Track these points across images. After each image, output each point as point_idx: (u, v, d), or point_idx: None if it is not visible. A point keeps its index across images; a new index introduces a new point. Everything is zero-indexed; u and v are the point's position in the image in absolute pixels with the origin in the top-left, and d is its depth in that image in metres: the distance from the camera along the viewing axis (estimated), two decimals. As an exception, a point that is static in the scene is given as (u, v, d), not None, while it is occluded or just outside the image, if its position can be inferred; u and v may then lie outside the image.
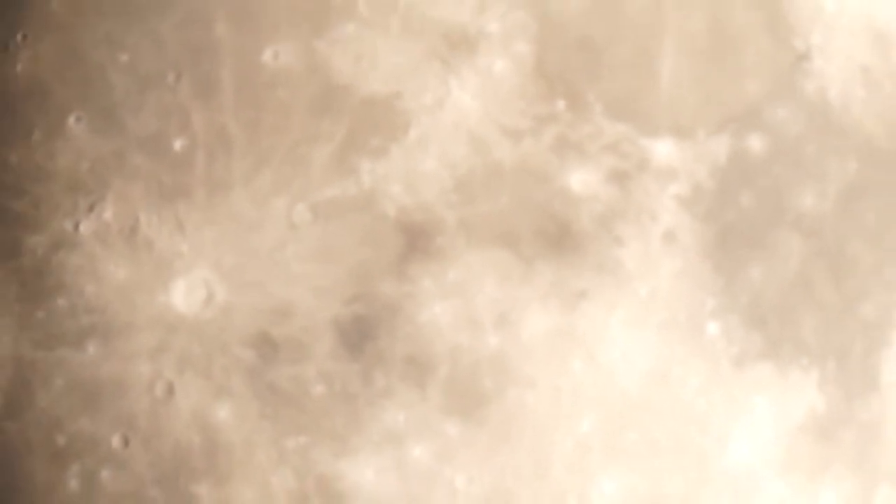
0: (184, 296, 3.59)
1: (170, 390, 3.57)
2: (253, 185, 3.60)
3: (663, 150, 3.65)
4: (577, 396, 3.62)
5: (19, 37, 3.71)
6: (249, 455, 3.59)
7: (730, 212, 3.66)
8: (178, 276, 3.58)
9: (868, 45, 3.87)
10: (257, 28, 3.65)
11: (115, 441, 3.55)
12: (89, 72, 3.67)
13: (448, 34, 3.65)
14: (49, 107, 3.67)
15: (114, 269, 3.58)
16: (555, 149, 3.62)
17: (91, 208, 3.61)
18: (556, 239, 3.61)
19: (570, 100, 3.65)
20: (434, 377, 3.59)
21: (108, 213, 3.60)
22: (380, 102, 3.62)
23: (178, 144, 3.59)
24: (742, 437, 3.65)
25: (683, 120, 3.68)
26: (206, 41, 3.66)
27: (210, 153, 3.61)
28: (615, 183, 3.63)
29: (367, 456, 3.58)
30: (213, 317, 3.59)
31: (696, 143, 3.68)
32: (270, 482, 3.59)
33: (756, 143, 3.68)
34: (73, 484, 3.59)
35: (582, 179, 3.61)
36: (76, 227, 3.59)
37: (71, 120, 3.61)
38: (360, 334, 3.59)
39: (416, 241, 3.60)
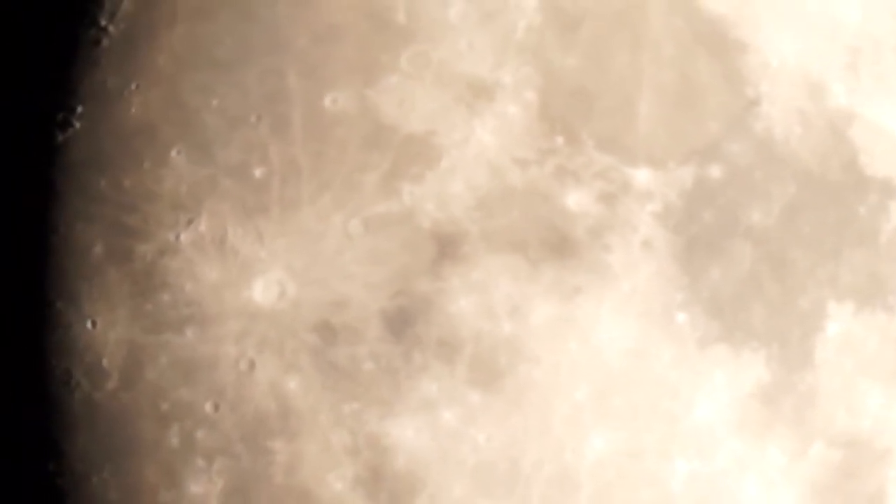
0: (262, 292, 3.70)
1: (251, 366, 3.68)
2: (317, 204, 3.71)
3: (641, 176, 3.77)
4: (573, 370, 3.72)
5: (133, 86, 3.80)
6: (314, 418, 3.70)
7: (694, 225, 3.77)
8: (258, 276, 3.70)
9: (804, 93, 3.94)
10: (320, 79, 3.77)
11: (208, 407, 3.69)
12: (187, 114, 3.79)
13: (471, 85, 3.76)
14: (156, 142, 3.78)
15: (207, 270, 3.72)
16: (555, 175, 3.75)
17: (189, 222, 3.72)
18: (556, 246, 3.72)
19: (567, 137, 3.77)
20: (460, 356, 3.69)
21: (202, 227, 3.72)
22: (418, 139, 3.73)
23: (258, 172, 3.72)
24: (704, 402, 3.76)
25: (657, 153, 3.79)
26: (280, 89, 3.78)
27: (283, 179, 3.73)
28: (603, 202, 3.75)
29: (407, 418, 3.70)
30: (285, 308, 3.70)
31: (668, 171, 3.79)
32: (330, 439, 3.69)
33: (715, 171, 3.79)
34: (174, 441, 3.71)
35: (577, 199, 3.74)
36: (177, 237, 3.71)
37: (173, 152, 3.73)
38: (402, 322, 3.71)
39: (445, 248, 3.71)
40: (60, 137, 3.85)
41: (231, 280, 3.75)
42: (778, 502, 3.87)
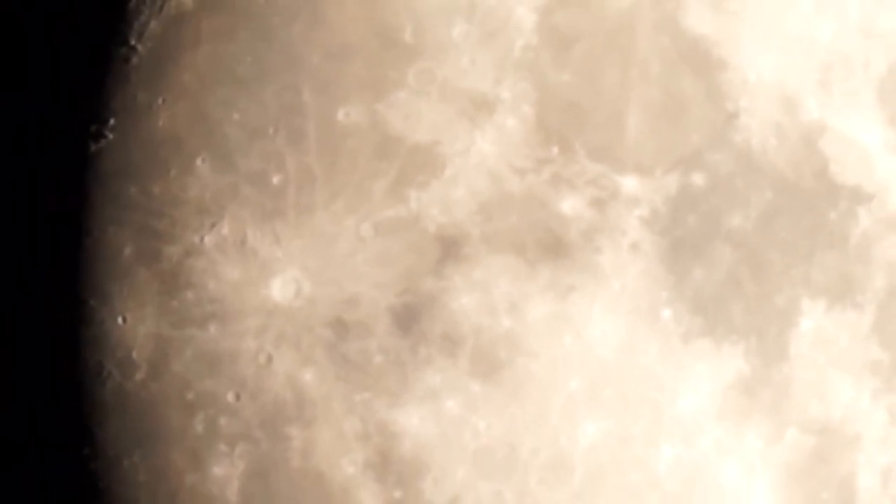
0: (279, 290, 3.78)
1: (269, 359, 3.76)
2: (330, 209, 3.79)
3: (630, 184, 3.85)
4: (567, 363, 3.80)
5: (160, 100, 3.86)
6: (327, 406, 3.77)
7: (679, 229, 3.86)
8: (276, 276, 3.78)
9: (779, 107, 4.01)
10: (333, 94, 3.84)
11: (230, 396, 3.76)
12: (211, 126, 3.85)
13: (473, 99, 3.83)
14: (182, 152, 3.84)
15: (229, 270, 3.79)
16: (550, 183, 3.83)
17: (212, 226, 3.79)
18: (551, 248, 3.80)
19: (562, 147, 3.84)
20: (462, 349, 3.77)
21: (224, 230, 3.79)
22: (423, 149, 3.81)
23: (275, 179, 3.80)
24: (688, 392, 3.84)
25: (644, 162, 3.88)
26: (296, 104, 3.84)
27: (299, 186, 3.79)
28: (595, 207, 3.83)
29: (413, 407, 3.77)
30: (301, 305, 3.78)
31: (654, 178, 3.87)
32: (342, 426, 3.76)
33: (698, 179, 3.88)
34: (199, 428, 3.77)
35: (570, 205, 3.81)
36: (201, 240, 3.78)
37: (198, 161, 3.81)
38: (409, 318, 3.78)
39: (449, 249, 3.78)
40: (94, 148, 3.89)
41: (251, 279, 3.82)
42: (756, 485, 3.93)
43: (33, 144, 3.99)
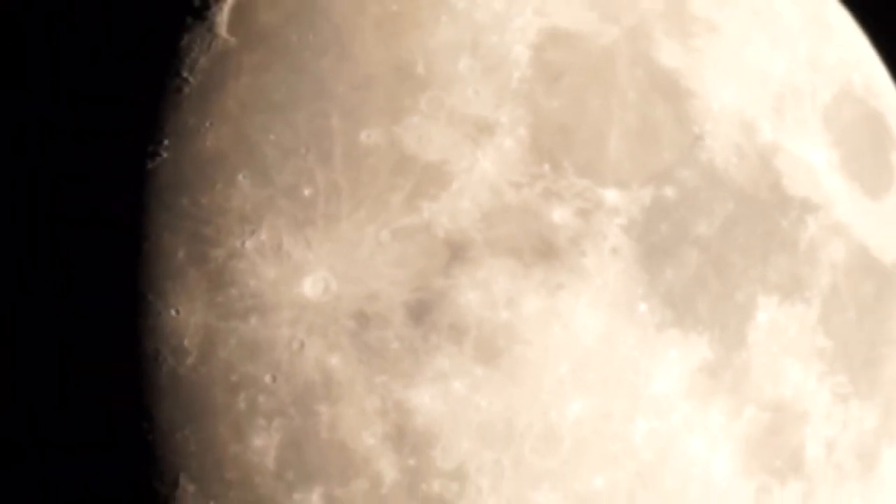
0: (310, 287, 3.85)
1: (301, 346, 3.84)
2: (354, 217, 3.87)
3: (610, 196, 3.96)
4: (557, 350, 3.90)
5: (207, 124, 3.94)
6: (351, 387, 3.85)
7: (653, 235, 3.98)
8: (307, 275, 3.86)
9: (739, 130, 4.13)
10: (356, 119, 3.91)
11: (267, 378, 3.85)
12: (251, 146, 3.94)
13: (476, 123, 3.92)
14: (226, 168, 3.93)
15: (266, 270, 3.87)
16: (542, 195, 3.92)
17: (252, 233, 3.87)
18: (543, 251, 3.90)
19: (552, 165, 3.95)
20: (467, 338, 3.86)
21: (263, 236, 3.87)
22: (434, 166, 3.90)
23: (306, 192, 3.88)
24: (660, 375, 3.95)
25: (623, 177, 3.99)
26: (324, 127, 3.91)
27: (327, 198, 3.88)
28: (580, 217, 3.92)
29: (425, 387, 3.86)
30: (328, 300, 3.86)
31: (631, 192, 3.98)
32: (364, 403, 3.85)
33: (669, 192, 4.00)
34: (241, 405, 3.87)
35: (559, 214, 3.91)
36: (243, 244, 3.87)
37: (239, 177, 3.90)
38: (421, 311, 3.86)
39: (456, 252, 3.88)
40: (151, 165, 3.98)
41: (285, 278, 3.89)
42: (718, 454, 4.04)
43: (101, 163, 4.05)
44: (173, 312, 3.94)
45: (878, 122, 4.51)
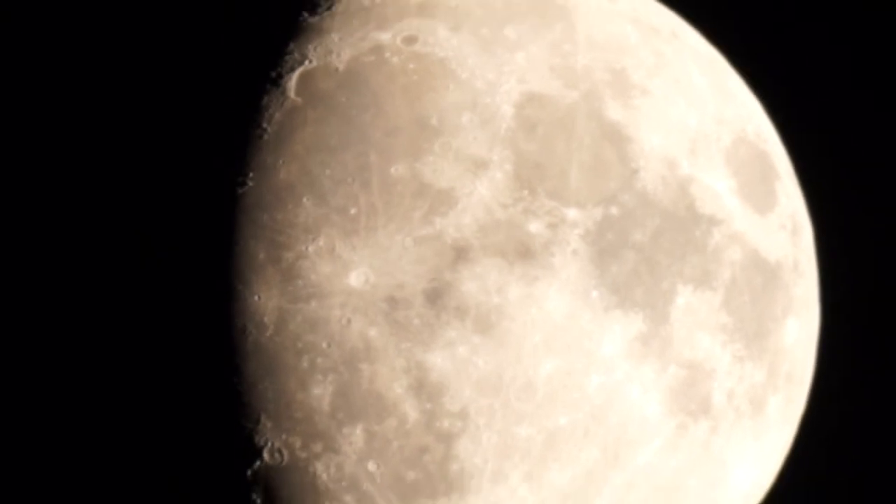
0: (355, 279, 4.01)
1: (348, 322, 3.99)
2: (386, 229, 4.01)
3: (572, 214, 4.08)
4: (534, 324, 4.03)
5: (281, 161, 4.09)
6: (384, 351, 4.00)
7: (602, 241, 4.12)
8: (352, 271, 4.01)
9: (664, 166, 4.24)
10: (388, 158, 4.05)
11: (324, 345, 4.00)
12: (312, 178, 4.07)
13: (475, 161, 4.05)
14: (294, 193, 4.06)
15: (323, 267, 4.03)
16: (523, 213, 4.05)
17: (313, 240, 4.03)
18: (523, 253, 4.04)
19: (530, 191, 4.07)
20: (468, 316, 4.01)
21: (321, 242, 4.02)
22: (444, 191, 4.03)
23: (352, 211, 4.02)
24: (608, 343, 4.09)
25: (581, 200, 4.11)
26: (365, 163, 4.05)
27: (367, 215, 4.02)
28: (550, 228, 4.05)
29: (438, 352, 4.00)
30: (369, 289, 4.01)
31: (587, 210, 4.10)
32: (394, 363, 4.00)
33: (614, 211, 4.14)
34: (305, 364, 4.03)
35: (535, 227, 4.05)
36: (307, 248, 4.02)
37: (304, 200, 4.05)
38: (435, 296, 4.01)
39: (460, 254, 4.02)
40: (240, 191, 4.11)
41: (337, 273, 4.03)
42: (650, 401, 4.15)
43: (206, 189, 4.15)
44: (256, 298, 4.05)
45: (764, 160, 4.57)
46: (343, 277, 4.04)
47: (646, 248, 4.18)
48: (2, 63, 4.43)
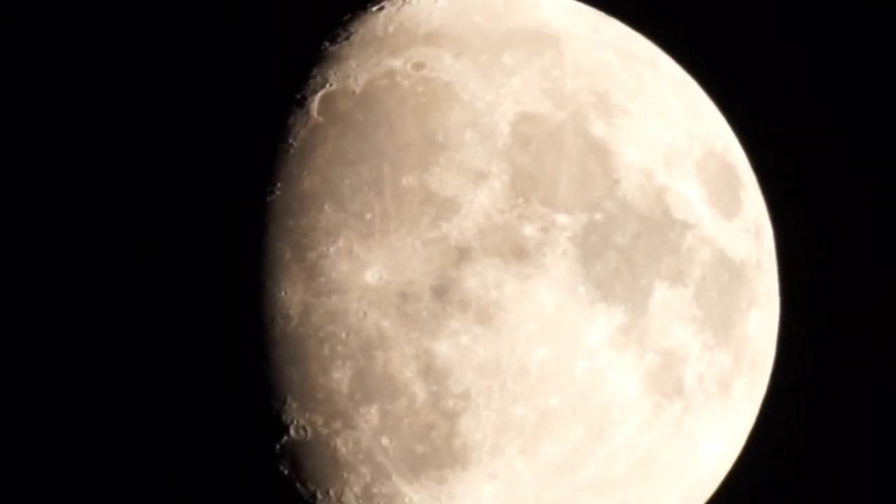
0: (370, 276, 4.16)
1: (364, 314, 4.15)
2: (398, 232, 4.15)
3: (561, 218, 4.22)
4: (528, 316, 4.17)
5: (305, 173, 4.23)
6: (396, 340, 4.16)
7: (588, 243, 4.26)
8: (368, 269, 4.17)
9: (643, 176, 4.37)
10: (400, 169, 4.16)
11: (343, 335, 4.17)
12: (333, 187, 4.16)
13: (475, 172, 4.19)
14: (317, 201, 4.20)
15: (342, 265, 4.18)
16: (518, 218, 4.18)
17: (334, 242, 4.17)
18: (518, 254, 4.18)
19: (524, 199, 4.21)
20: (470, 308, 4.16)
21: (340, 244, 4.17)
22: (449, 199, 4.17)
23: (368, 216, 4.17)
24: (593, 333, 4.25)
25: (569, 207, 4.24)
26: (379, 175, 4.19)
27: (382, 219, 4.16)
28: (542, 231, 4.19)
29: (443, 339, 4.15)
30: (382, 285, 4.16)
31: (574, 216, 4.23)
32: (405, 350, 4.15)
33: (598, 216, 4.26)
34: (326, 352, 4.19)
35: (529, 230, 4.18)
36: (328, 249, 4.18)
37: (326, 206, 4.20)
38: (441, 292, 4.16)
39: (462, 254, 4.16)
40: (269, 198, 4.26)
41: (354, 271, 4.18)
42: (629, 383, 4.30)
43: (239, 197, 4.30)
44: (283, 293, 4.21)
45: (731, 171, 4.67)
46: (360, 275, 4.19)
47: (626, 249, 4.31)
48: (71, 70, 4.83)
